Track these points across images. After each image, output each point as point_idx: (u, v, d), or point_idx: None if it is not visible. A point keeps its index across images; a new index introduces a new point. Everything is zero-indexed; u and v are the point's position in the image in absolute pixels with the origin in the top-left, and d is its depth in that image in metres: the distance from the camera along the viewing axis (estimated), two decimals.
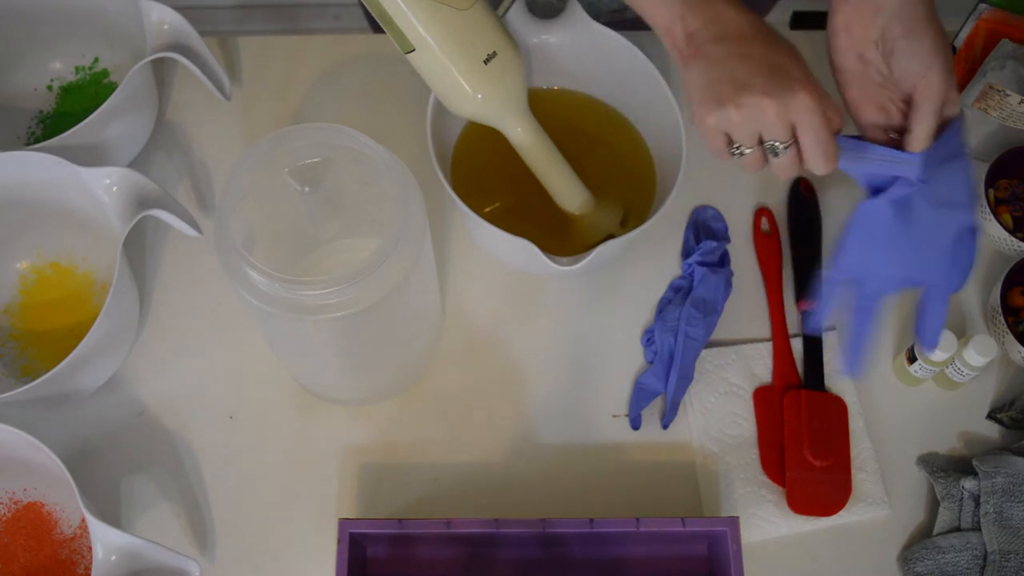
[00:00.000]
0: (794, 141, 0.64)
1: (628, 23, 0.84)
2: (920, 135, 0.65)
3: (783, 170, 0.66)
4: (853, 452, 0.80)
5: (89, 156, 0.81)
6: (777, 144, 0.64)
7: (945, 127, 0.67)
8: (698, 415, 0.81)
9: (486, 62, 0.74)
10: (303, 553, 0.77)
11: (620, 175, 0.86)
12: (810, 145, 0.63)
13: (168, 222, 0.76)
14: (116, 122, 0.83)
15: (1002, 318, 0.80)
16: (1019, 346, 0.80)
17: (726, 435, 0.81)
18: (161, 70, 0.94)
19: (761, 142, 0.65)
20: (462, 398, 0.82)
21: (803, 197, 0.89)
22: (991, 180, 0.87)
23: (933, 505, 0.78)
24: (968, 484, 0.76)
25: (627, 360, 0.84)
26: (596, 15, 0.84)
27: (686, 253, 0.87)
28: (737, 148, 0.66)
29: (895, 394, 0.83)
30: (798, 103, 0.62)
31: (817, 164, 0.64)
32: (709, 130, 0.65)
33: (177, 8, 0.82)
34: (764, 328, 0.85)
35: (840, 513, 0.77)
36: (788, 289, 0.86)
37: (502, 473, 0.80)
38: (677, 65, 0.68)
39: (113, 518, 0.78)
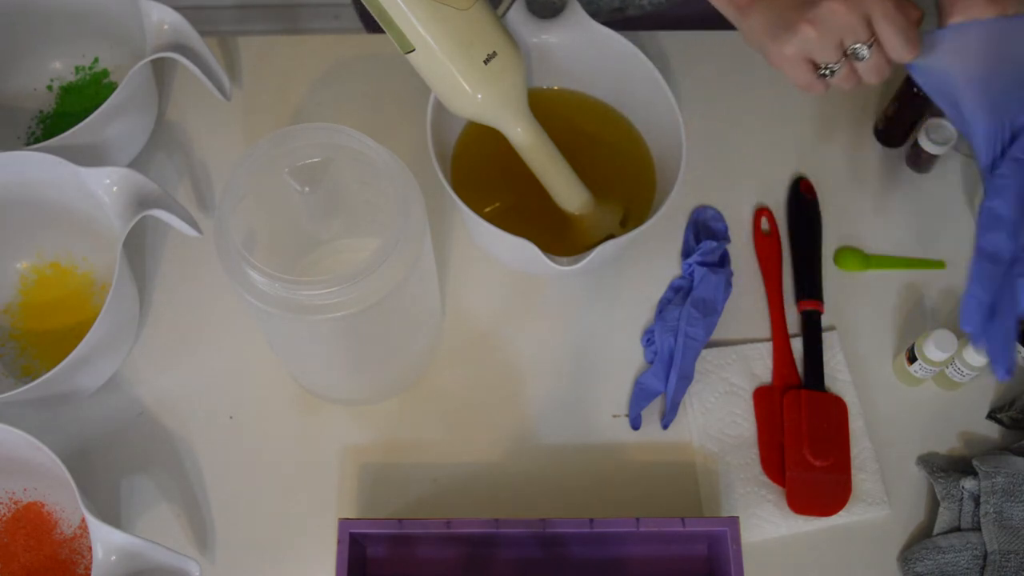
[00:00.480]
0: (875, 39, 0.62)
1: (628, 22, 0.84)
2: None
3: (874, 73, 0.64)
4: (853, 452, 0.80)
5: (89, 156, 0.81)
6: (859, 46, 0.63)
7: None
8: (698, 415, 0.81)
9: (486, 62, 0.74)
10: (303, 553, 0.77)
11: (620, 175, 0.86)
12: (888, 33, 0.62)
13: (168, 222, 0.76)
14: (116, 122, 0.83)
15: None
16: (1019, 346, 0.80)
17: (726, 435, 0.81)
18: (161, 70, 0.94)
19: (845, 54, 0.63)
20: (462, 398, 0.82)
21: (803, 197, 0.89)
22: None
23: (933, 505, 0.78)
24: (968, 484, 0.76)
25: (627, 360, 0.84)
26: (595, 14, 0.84)
27: (686, 253, 0.87)
28: (826, 68, 0.64)
29: (895, 394, 0.83)
30: None
31: (900, 52, 0.62)
32: (790, 62, 0.64)
33: (177, 8, 0.82)
34: (764, 328, 0.85)
35: (840, 513, 0.77)
36: (788, 289, 0.86)
37: (502, 473, 0.80)
38: (736, 21, 0.67)
39: (113, 518, 0.78)
